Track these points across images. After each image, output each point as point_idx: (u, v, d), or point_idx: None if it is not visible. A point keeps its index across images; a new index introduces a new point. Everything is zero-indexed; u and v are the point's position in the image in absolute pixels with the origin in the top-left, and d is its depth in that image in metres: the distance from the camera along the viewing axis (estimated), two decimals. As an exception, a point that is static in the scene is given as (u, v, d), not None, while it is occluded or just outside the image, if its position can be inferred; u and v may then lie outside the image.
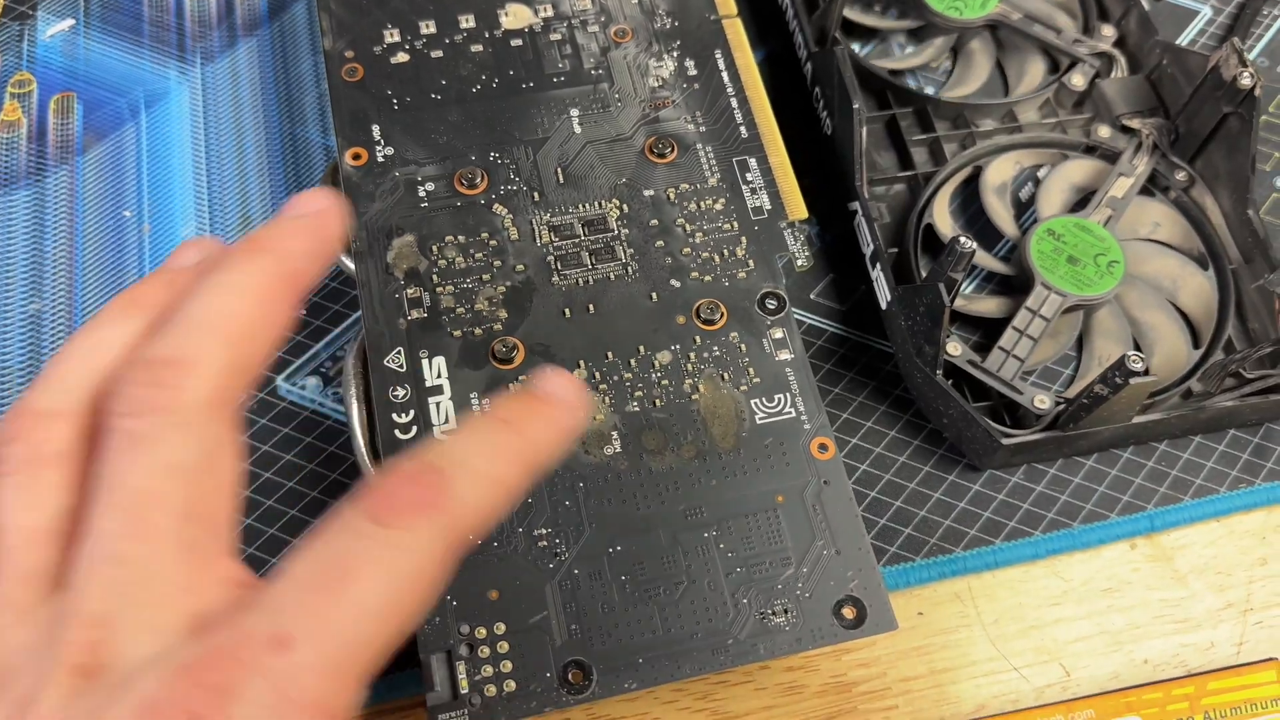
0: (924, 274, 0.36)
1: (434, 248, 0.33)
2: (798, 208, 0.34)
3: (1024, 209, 0.39)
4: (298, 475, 0.33)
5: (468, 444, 0.19)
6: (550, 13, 0.37)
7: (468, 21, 0.37)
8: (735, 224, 0.34)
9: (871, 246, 0.36)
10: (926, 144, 0.39)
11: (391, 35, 0.36)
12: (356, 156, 0.34)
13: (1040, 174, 0.40)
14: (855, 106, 0.36)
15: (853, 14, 0.42)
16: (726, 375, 0.31)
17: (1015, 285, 0.37)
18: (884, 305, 0.35)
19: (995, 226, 0.38)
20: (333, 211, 0.21)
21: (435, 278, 0.32)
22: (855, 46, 0.42)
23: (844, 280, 0.38)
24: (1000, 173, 0.39)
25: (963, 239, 0.32)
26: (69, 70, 0.40)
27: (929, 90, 0.42)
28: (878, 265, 0.35)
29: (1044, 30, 0.41)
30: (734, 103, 0.36)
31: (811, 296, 0.37)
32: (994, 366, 0.34)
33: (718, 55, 0.37)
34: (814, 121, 0.40)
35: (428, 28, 0.37)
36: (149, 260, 0.37)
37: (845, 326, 0.37)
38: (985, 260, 0.37)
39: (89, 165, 0.38)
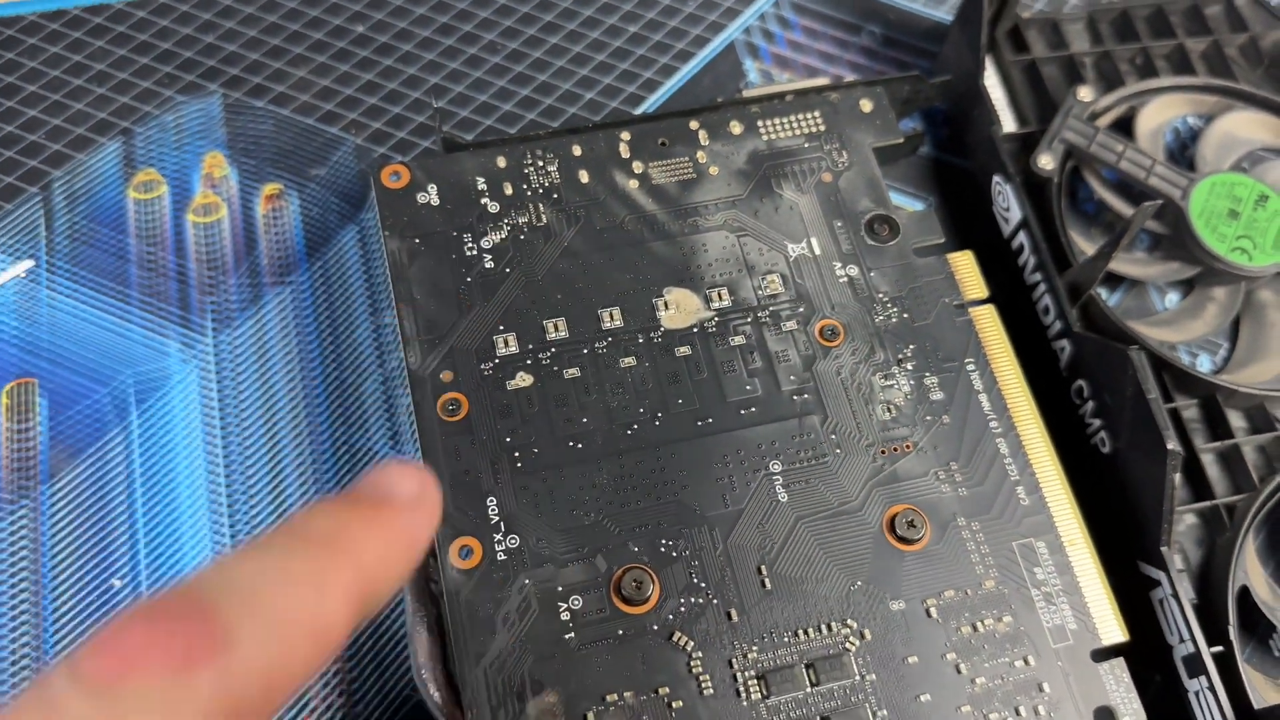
0: (1247, 673, 0.25)
1: (590, 716, 0.22)
2: (1113, 625, 0.24)
3: (1349, 542, 0.29)
4: None
5: (256, 566, 0.13)
6: (727, 301, 0.26)
7: (613, 319, 0.26)
8: (1032, 659, 0.23)
9: (1189, 644, 0.25)
10: (1219, 454, 0.29)
11: (507, 344, 0.25)
12: (466, 552, 0.23)
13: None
14: (1170, 448, 0.25)
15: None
16: None
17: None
18: (1216, 739, 0.25)
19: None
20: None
21: (598, 771, 0.21)
22: (1102, 292, 0.31)
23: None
24: (1321, 497, 0.28)
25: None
26: (25, 341, 0.28)
27: (1201, 361, 0.31)
28: (1201, 675, 0.25)
29: (1359, 283, 0.30)
30: (1002, 447, 0.25)
31: (1091, 699, 0.26)
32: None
33: (970, 368, 0.26)
34: (1067, 420, 0.29)
35: (556, 329, 0.25)
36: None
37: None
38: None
39: (57, 501, 0.27)
